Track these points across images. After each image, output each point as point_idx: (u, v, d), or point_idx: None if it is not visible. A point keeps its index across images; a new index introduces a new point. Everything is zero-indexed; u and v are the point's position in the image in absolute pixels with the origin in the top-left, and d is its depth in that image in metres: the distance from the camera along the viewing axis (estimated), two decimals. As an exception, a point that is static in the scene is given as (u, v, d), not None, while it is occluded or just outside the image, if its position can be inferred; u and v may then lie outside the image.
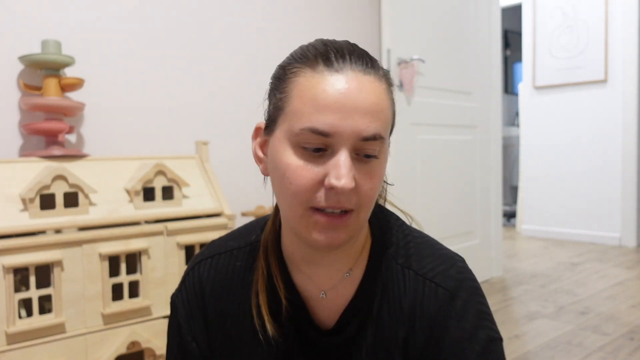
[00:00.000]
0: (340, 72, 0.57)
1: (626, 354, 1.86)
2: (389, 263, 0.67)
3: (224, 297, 0.72)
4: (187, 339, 0.73)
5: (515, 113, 5.73)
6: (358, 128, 0.56)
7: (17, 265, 1.14)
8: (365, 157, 0.58)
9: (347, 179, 0.55)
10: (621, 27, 3.85)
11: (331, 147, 0.57)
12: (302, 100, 0.58)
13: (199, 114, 1.88)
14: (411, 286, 0.66)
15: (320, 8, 2.25)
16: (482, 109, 2.96)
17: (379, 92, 0.59)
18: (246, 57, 2.01)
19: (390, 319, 0.66)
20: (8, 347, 1.14)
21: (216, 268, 0.73)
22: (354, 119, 0.56)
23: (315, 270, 0.67)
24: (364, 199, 0.58)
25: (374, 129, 0.57)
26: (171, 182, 1.41)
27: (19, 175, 1.28)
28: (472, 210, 2.90)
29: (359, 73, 0.58)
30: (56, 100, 1.41)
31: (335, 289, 0.68)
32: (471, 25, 2.87)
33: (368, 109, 0.57)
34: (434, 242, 0.71)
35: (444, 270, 0.66)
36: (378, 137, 0.57)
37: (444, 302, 0.64)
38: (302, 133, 0.57)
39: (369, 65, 0.59)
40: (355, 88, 0.57)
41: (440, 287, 0.64)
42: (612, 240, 3.94)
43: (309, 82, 0.58)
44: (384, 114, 0.59)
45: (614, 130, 3.92)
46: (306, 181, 0.57)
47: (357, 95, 0.56)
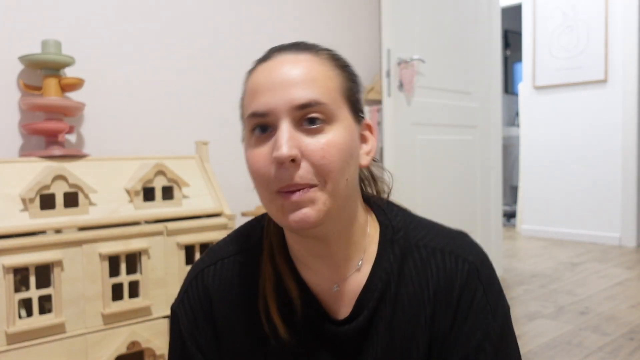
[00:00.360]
0: (268, 60, 0.62)
1: (626, 354, 1.86)
2: (402, 245, 0.68)
3: (231, 304, 0.70)
4: (192, 350, 0.71)
5: (515, 113, 5.73)
6: (290, 98, 0.58)
7: (17, 265, 1.14)
8: (311, 125, 0.58)
9: (285, 147, 0.56)
10: (621, 27, 3.85)
11: (273, 125, 0.59)
12: (246, 95, 0.63)
13: (199, 114, 1.88)
14: (432, 262, 0.66)
15: (320, 8, 2.25)
16: (482, 109, 2.96)
17: (312, 64, 0.60)
18: (246, 57, 2.00)
19: (409, 298, 0.66)
20: (8, 347, 1.14)
21: (220, 275, 0.71)
22: (285, 91, 0.58)
23: (323, 264, 0.66)
24: (321, 168, 0.57)
25: (307, 96, 0.58)
26: (171, 182, 1.41)
27: (19, 175, 1.28)
28: (472, 210, 2.90)
29: (288, 54, 0.61)
30: (56, 100, 1.41)
31: (347, 281, 0.67)
32: (471, 25, 2.87)
33: (298, 79, 0.58)
34: (436, 222, 0.73)
35: (460, 244, 0.68)
36: (314, 103, 0.58)
37: (472, 274, 0.65)
38: (248, 121, 0.61)
39: (302, 48, 0.63)
40: (283, 65, 0.60)
41: (464, 260, 0.66)
42: (612, 240, 3.94)
43: (249, 80, 0.63)
44: (320, 82, 0.59)
45: (614, 130, 3.92)
46: (260, 164, 0.59)
47: (284, 70, 0.59)
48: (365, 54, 2.48)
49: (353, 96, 0.64)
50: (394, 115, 2.43)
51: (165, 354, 1.34)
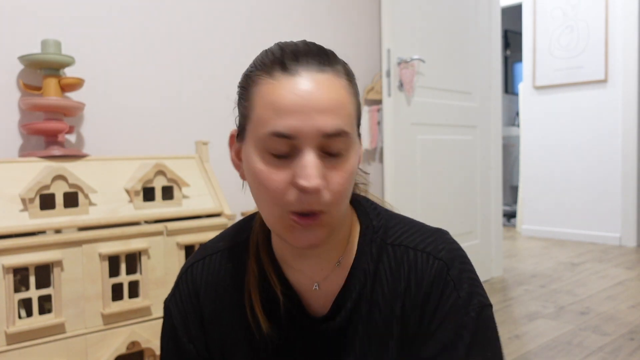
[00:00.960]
0: (295, 75, 0.59)
1: (626, 354, 1.86)
2: (379, 245, 0.69)
3: (218, 297, 0.73)
4: (184, 341, 0.74)
5: (515, 113, 5.73)
6: (319, 126, 0.57)
7: (17, 265, 1.14)
8: (332, 156, 0.59)
9: (316, 179, 0.56)
10: (621, 27, 3.85)
11: (296, 148, 0.58)
12: (263, 107, 0.59)
13: (199, 114, 1.88)
14: (404, 260, 0.68)
15: (320, 8, 2.25)
16: (482, 109, 2.96)
17: (338, 88, 0.60)
18: (246, 57, 2.00)
19: (384, 297, 0.68)
20: (8, 347, 1.13)
21: (208, 269, 0.74)
22: (314, 118, 0.57)
23: (306, 264, 0.69)
24: (335, 196, 0.59)
25: (335, 125, 0.58)
26: (171, 182, 1.41)
27: (19, 175, 1.28)
28: (472, 210, 2.90)
29: (313, 72, 0.59)
30: (56, 100, 1.41)
31: (327, 279, 0.69)
32: (471, 25, 2.87)
33: (327, 107, 0.58)
34: (417, 221, 0.73)
35: (433, 242, 0.68)
36: (342, 133, 0.58)
37: (441, 271, 0.66)
38: (266, 138, 0.58)
39: (324, 63, 0.60)
40: (312, 88, 0.58)
41: (435, 257, 0.66)
42: (612, 240, 3.94)
43: (267, 89, 0.59)
44: (346, 109, 0.60)
45: (614, 130, 3.92)
46: (277, 184, 0.58)
47: (314, 94, 0.58)
48: (365, 54, 2.48)
49: (360, 114, 0.65)
50: (394, 115, 2.43)
51: (165, 354, 1.34)
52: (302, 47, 0.62)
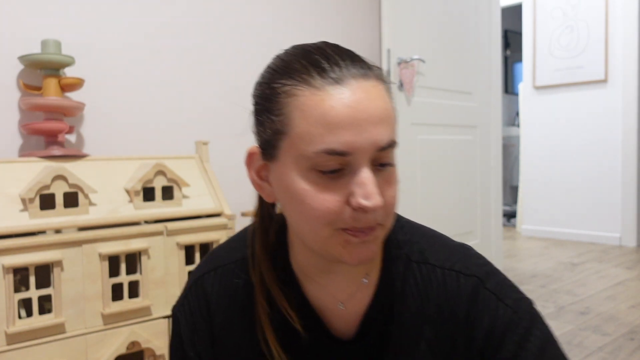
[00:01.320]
0: (342, 83, 0.53)
1: (626, 354, 1.86)
2: (405, 263, 0.65)
3: (229, 312, 0.69)
4: (190, 355, 0.70)
5: (515, 113, 5.73)
6: (375, 139, 0.53)
7: (17, 265, 1.14)
8: (383, 168, 0.55)
9: (377, 198, 0.52)
10: (621, 27, 3.85)
11: (349, 164, 0.53)
12: (308, 122, 0.53)
13: (199, 114, 1.88)
14: (432, 279, 0.64)
15: (320, 8, 2.25)
16: (482, 109, 2.96)
17: (383, 95, 0.55)
18: (246, 57, 2.01)
19: (412, 318, 0.64)
20: (8, 347, 1.13)
21: (220, 282, 0.69)
22: (368, 131, 0.52)
23: (331, 280, 0.63)
24: (389, 208, 0.56)
25: (388, 137, 0.54)
26: (171, 182, 1.41)
27: (19, 175, 1.28)
28: (472, 210, 2.90)
29: (359, 79, 0.54)
30: (56, 100, 1.41)
31: (353, 298, 0.64)
32: (471, 25, 2.87)
33: (380, 117, 0.53)
34: (440, 235, 0.69)
35: (462, 259, 0.64)
36: (393, 144, 0.55)
37: (477, 287, 0.62)
38: (316, 156, 0.53)
39: (365, 67, 0.56)
40: (363, 97, 0.53)
41: (465, 275, 0.63)
42: (612, 240, 3.94)
43: (311, 101, 0.53)
44: (393, 117, 0.56)
45: (614, 130, 3.92)
46: (330, 204, 0.54)
47: (366, 105, 0.53)
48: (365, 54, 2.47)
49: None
50: (394, 115, 2.43)
51: (165, 354, 1.34)
52: (334, 49, 0.57)
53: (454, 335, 0.62)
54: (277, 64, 0.59)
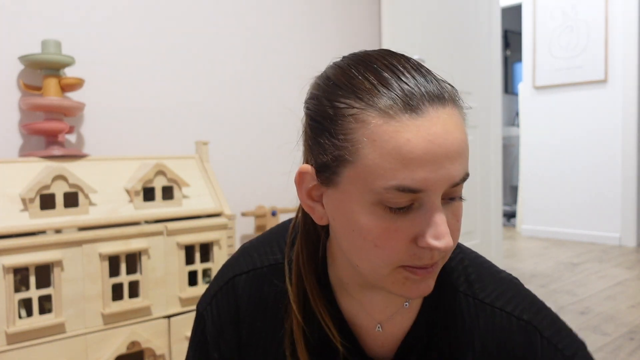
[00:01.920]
0: (419, 113, 0.47)
1: (626, 354, 1.86)
2: (451, 291, 0.61)
3: (258, 318, 0.65)
4: (214, 356, 0.67)
5: (515, 113, 5.73)
6: (451, 176, 0.48)
7: (17, 265, 1.14)
8: (452, 202, 0.51)
9: (448, 239, 0.48)
10: (621, 27, 3.85)
11: (420, 200, 0.49)
12: (379, 154, 0.48)
13: (199, 114, 1.88)
14: (480, 316, 0.60)
15: (320, 8, 2.25)
16: (482, 109, 2.96)
17: (461, 125, 0.50)
18: (246, 57, 2.01)
19: (454, 349, 0.60)
20: (8, 347, 1.14)
21: (252, 285, 0.65)
22: (445, 167, 0.48)
23: (370, 298, 0.60)
24: (454, 244, 0.51)
25: (463, 172, 0.50)
26: (171, 182, 1.41)
27: (19, 175, 1.28)
28: (472, 210, 2.90)
29: (438, 108, 0.48)
30: (56, 100, 1.41)
31: (392, 320, 0.60)
32: (471, 25, 2.87)
33: (457, 152, 0.48)
34: (490, 264, 0.65)
35: (512, 298, 0.61)
36: (466, 178, 0.51)
37: (532, 335, 0.59)
38: (386, 192, 0.48)
39: (441, 92, 0.50)
40: (441, 130, 0.48)
41: (518, 318, 0.59)
42: (612, 240, 3.94)
43: (383, 130, 0.48)
44: (468, 149, 0.51)
45: (614, 130, 3.92)
46: (396, 243, 0.50)
47: (445, 138, 0.48)
48: (365, 54, 2.48)
49: None
50: (394, 115, 2.43)
51: (165, 354, 1.34)
52: (405, 66, 0.51)
53: None
54: (340, 77, 0.52)
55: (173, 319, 1.36)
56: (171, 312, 1.36)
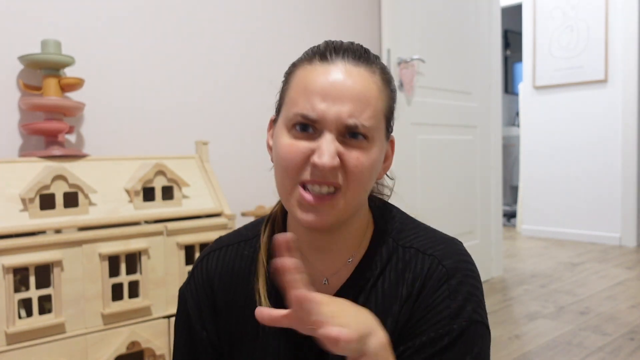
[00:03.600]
0: (330, 63, 0.63)
1: (626, 354, 1.86)
2: (390, 245, 0.70)
3: (232, 287, 0.74)
4: (197, 328, 0.76)
5: (515, 113, 5.73)
6: (342, 116, 0.61)
7: (17, 265, 1.14)
8: (352, 138, 0.62)
9: (328, 157, 0.60)
10: (621, 27, 3.85)
11: (319, 130, 0.62)
12: (296, 90, 0.64)
13: (199, 114, 1.88)
14: (412, 263, 0.68)
15: (320, 8, 2.25)
16: (482, 109, 2.96)
17: (367, 83, 0.63)
18: (246, 57, 2.00)
19: (384, 296, 0.68)
20: (8, 347, 1.13)
21: (224, 260, 0.76)
22: (338, 106, 0.61)
23: (319, 257, 0.70)
24: (350, 175, 0.62)
25: (357, 116, 0.61)
26: (171, 182, 1.41)
27: (18, 175, 1.28)
28: (472, 210, 2.90)
29: (348, 64, 0.63)
30: (56, 100, 1.41)
31: (337, 275, 0.71)
32: (471, 25, 2.87)
33: (352, 98, 0.61)
34: (432, 228, 0.74)
35: (444, 249, 0.69)
36: (361, 126, 0.61)
37: (441, 278, 0.66)
38: (294, 118, 0.62)
39: (361, 58, 0.64)
40: (342, 78, 0.62)
41: (439, 263, 0.67)
42: (612, 240, 3.94)
43: (303, 74, 0.64)
44: (371, 104, 0.62)
45: (614, 130, 3.92)
46: (294, 156, 0.62)
47: (342, 84, 0.61)
48: (365, 54, 2.48)
49: (391, 115, 0.68)
50: (394, 115, 2.43)
51: (165, 354, 1.34)
52: (345, 43, 0.66)
53: (407, 308, 0.67)
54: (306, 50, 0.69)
55: (173, 319, 1.36)
56: (171, 312, 1.36)
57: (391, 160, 0.71)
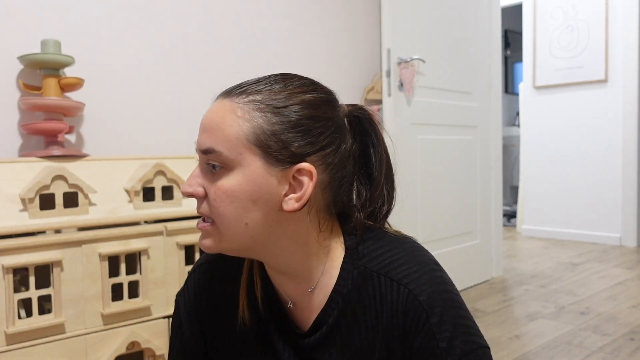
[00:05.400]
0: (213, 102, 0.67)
1: (626, 354, 1.86)
2: (363, 271, 0.69)
3: (223, 299, 0.77)
4: (187, 335, 0.80)
5: (516, 113, 5.73)
6: (198, 142, 0.66)
7: (16, 265, 1.14)
8: (213, 169, 0.64)
9: (185, 185, 0.65)
10: (621, 27, 3.85)
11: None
12: None
13: (199, 114, 1.88)
14: (387, 292, 0.66)
15: (320, 8, 2.25)
16: (482, 109, 2.96)
17: (222, 111, 0.64)
18: (246, 57, 2.00)
19: (367, 325, 0.68)
20: (8, 348, 1.13)
21: (217, 270, 0.79)
22: (199, 135, 0.66)
23: (280, 281, 0.72)
24: (213, 209, 0.64)
25: (205, 144, 0.64)
26: (171, 182, 1.41)
27: (18, 175, 1.28)
28: (472, 210, 2.90)
29: (220, 98, 0.66)
30: (56, 100, 1.41)
31: (302, 301, 0.72)
32: (471, 25, 2.87)
33: (206, 126, 0.65)
34: (414, 249, 0.71)
35: (418, 278, 0.66)
36: (211, 150, 0.63)
37: (420, 316, 0.64)
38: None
39: (230, 94, 0.65)
40: (208, 110, 0.66)
41: (416, 299, 0.64)
42: (613, 240, 3.94)
43: None
44: (220, 130, 0.63)
45: (614, 130, 3.92)
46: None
47: (205, 116, 0.66)
48: (365, 54, 2.48)
49: (269, 141, 0.62)
50: (394, 115, 2.43)
51: (165, 354, 1.34)
52: (232, 86, 0.68)
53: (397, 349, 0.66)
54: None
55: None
56: (171, 313, 1.36)
57: (308, 190, 0.64)
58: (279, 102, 0.64)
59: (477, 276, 2.89)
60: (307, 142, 0.64)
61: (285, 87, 0.65)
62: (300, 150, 0.63)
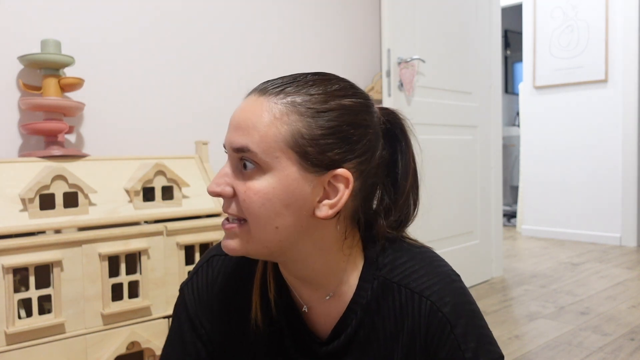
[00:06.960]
0: (245, 98, 0.65)
1: (626, 354, 1.86)
2: (383, 282, 0.68)
3: (231, 294, 0.76)
4: (189, 325, 0.78)
5: (516, 113, 5.73)
6: (231, 140, 0.63)
7: (16, 265, 1.14)
8: (244, 169, 0.62)
9: (213, 184, 0.64)
10: (621, 27, 3.85)
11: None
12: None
13: (199, 114, 1.87)
14: (409, 304, 0.66)
15: (320, 8, 2.25)
16: (482, 109, 2.96)
17: (259, 110, 0.62)
18: (246, 57, 2.00)
19: (385, 335, 0.68)
20: (8, 348, 1.13)
21: (228, 265, 0.77)
22: (232, 133, 0.63)
23: (298, 285, 0.71)
24: (241, 205, 0.62)
25: (239, 142, 0.62)
26: (171, 182, 1.41)
27: (18, 175, 1.28)
28: (472, 210, 2.90)
29: (254, 95, 0.64)
30: (56, 100, 1.41)
31: (319, 307, 0.71)
32: (471, 25, 2.87)
33: (240, 124, 0.62)
34: (433, 259, 0.70)
35: (440, 290, 0.66)
36: (246, 149, 0.61)
37: (444, 328, 0.64)
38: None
39: (266, 92, 0.63)
40: (241, 107, 0.64)
41: (439, 310, 0.64)
42: (613, 240, 3.94)
43: None
44: (258, 130, 0.61)
45: (614, 130, 3.92)
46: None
47: (238, 113, 0.64)
48: (365, 54, 2.48)
49: (308, 146, 0.61)
50: (394, 115, 2.43)
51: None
52: (286, 76, 0.66)
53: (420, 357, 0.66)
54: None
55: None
56: (171, 312, 1.36)
57: (344, 197, 0.63)
58: (318, 105, 0.62)
59: (477, 276, 2.89)
60: (345, 148, 0.62)
61: (325, 90, 0.63)
62: (338, 156, 0.62)
